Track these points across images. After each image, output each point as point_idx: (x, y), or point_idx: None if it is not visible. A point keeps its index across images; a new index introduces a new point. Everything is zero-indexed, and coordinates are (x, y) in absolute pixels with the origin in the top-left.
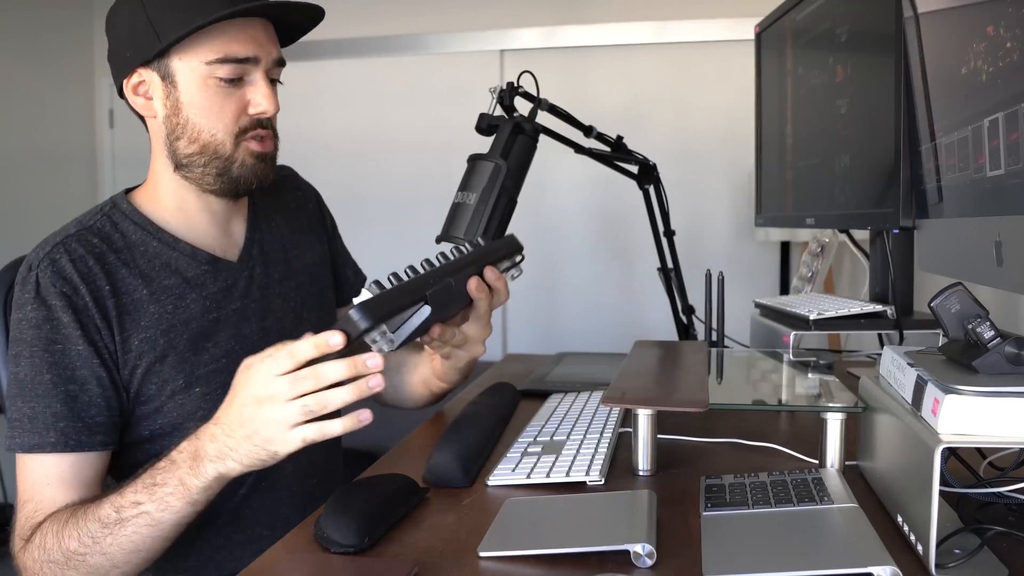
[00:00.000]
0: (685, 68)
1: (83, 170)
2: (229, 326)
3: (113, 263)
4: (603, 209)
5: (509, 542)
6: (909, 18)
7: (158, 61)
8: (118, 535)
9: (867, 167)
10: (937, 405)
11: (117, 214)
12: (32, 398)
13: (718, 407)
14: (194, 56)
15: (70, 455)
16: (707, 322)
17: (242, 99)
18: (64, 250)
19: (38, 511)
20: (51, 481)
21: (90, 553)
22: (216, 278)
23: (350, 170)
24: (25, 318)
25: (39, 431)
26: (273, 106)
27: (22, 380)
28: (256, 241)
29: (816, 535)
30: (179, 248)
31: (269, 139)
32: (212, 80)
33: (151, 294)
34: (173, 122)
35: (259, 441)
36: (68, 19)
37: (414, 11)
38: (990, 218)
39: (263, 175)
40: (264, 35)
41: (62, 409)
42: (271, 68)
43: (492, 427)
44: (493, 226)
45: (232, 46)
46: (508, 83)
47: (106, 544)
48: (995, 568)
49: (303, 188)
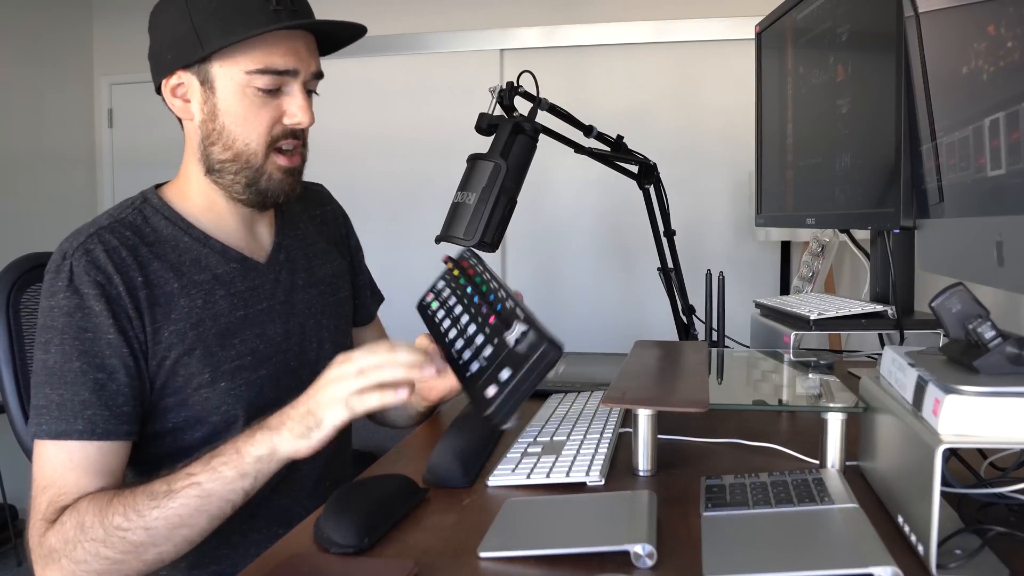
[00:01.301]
0: (685, 68)
1: (82, 170)
2: (255, 325)
3: (146, 256)
4: (603, 209)
5: (509, 542)
6: (910, 17)
7: (199, 66)
8: (165, 508)
9: (868, 167)
10: (938, 405)
11: (148, 209)
12: (60, 385)
13: (718, 407)
14: (234, 64)
15: (95, 443)
16: (707, 322)
17: (278, 109)
18: (99, 240)
19: (62, 495)
20: (75, 467)
21: (132, 528)
22: (245, 277)
23: (350, 169)
24: (57, 305)
25: (67, 418)
26: (308, 117)
27: (51, 367)
28: (283, 247)
29: (817, 535)
30: (210, 245)
31: (298, 152)
32: (250, 89)
33: (182, 288)
34: (209, 127)
35: (313, 406)
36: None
37: (414, 10)
38: (991, 218)
39: (290, 189)
40: (305, 48)
41: (90, 397)
42: (309, 80)
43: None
44: (493, 226)
45: (273, 57)
46: (508, 82)
47: (151, 518)
48: (996, 568)
49: (332, 205)
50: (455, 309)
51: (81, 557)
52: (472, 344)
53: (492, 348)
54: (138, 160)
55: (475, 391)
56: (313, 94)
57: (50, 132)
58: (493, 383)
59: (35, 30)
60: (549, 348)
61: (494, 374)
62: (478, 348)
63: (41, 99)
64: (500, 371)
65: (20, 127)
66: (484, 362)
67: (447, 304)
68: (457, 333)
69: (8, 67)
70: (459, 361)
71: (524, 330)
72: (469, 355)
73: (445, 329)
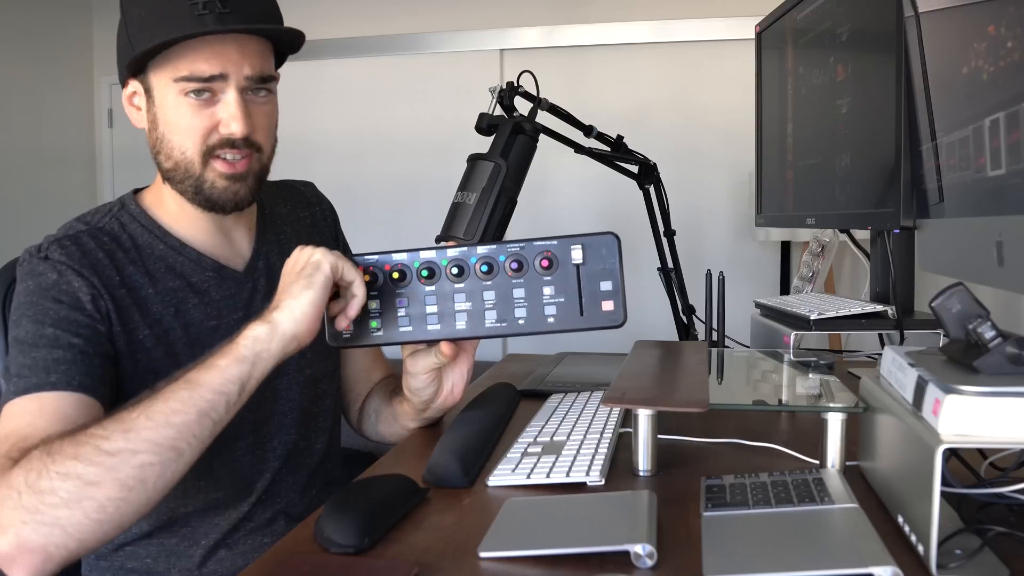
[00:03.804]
0: (685, 67)
1: (82, 170)
2: (228, 335)
3: (122, 260)
4: (603, 209)
5: (509, 542)
6: (910, 17)
7: (142, 75)
8: (148, 407)
9: (868, 167)
10: (938, 405)
11: (125, 215)
12: (32, 349)
13: (718, 407)
14: (164, 73)
15: (71, 395)
16: (707, 322)
17: (213, 117)
18: (75, 241)
19: (26, 439)
20: (45, 414)
21: (110, 435)
22: (220, 286)
23: (350, 169)
24: (34, 284)
25: (38, 374)
26: (242, 126)
27: (22, 339)
28: (263, 254)
29: (817, 535)
30: (185, 253)
31: (243, 159)
32: (182, 97)
33: (156, 294)
34: (153, 136)
35: (308, 272)
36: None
37: (414, 10)
38: (991, 218)
39: (239, 196)
40: (237, 51)
41: (65, 355)
42: (248, 85)
43: (492, 427)
44: (493, 226)
45: (197, 64)
46: (508, 82)
47: (130, 419)
48: (996, 569)
49: (322, 204)
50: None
51: (46, 485)
52: (542, 295)
53: (565, 281)
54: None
55: (590, 321)
56: (272, 94)
57: (50, 132)
58: (603, 300)
59: (35, 30)
60: (608, 236)
61: (595, 291)
62: (553, 294)
63: (41, 99)
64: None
65: (20, 127)
66: (565, 296)
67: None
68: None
69: (8, 67)
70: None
71: (578, 246)
72: (552, 307)
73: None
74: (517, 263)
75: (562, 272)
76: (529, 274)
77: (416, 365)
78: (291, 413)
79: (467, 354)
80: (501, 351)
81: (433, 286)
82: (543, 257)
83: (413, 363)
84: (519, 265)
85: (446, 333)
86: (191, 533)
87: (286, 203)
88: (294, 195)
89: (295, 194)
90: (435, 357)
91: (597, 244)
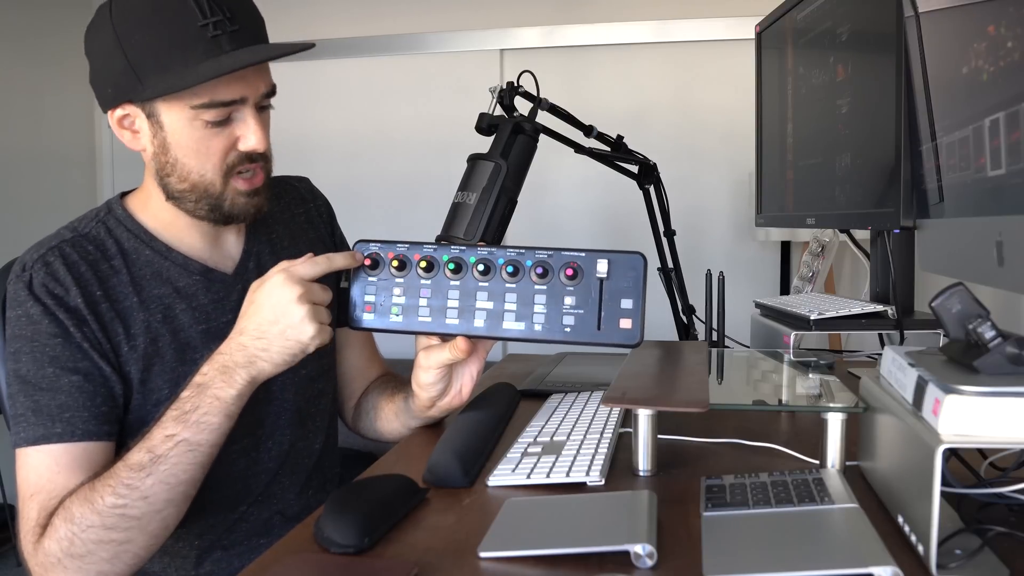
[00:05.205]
0: (685, 67)
1: (82, 170)
2: (218, 339)
3: (106, 271)
4: (603, 209)
5: (509, 542)
6: (910, 17)
7: (142, 102)
8: (157, 472)
9: (868, 167)
10: (938, 405)
11: (112, 220)
12: (35, 391)
13: (718, 407)
14: (179, 100)
15: (79, 444)
16: (707, 322)
17: (231, 136)
18: (59, 253)
19: (52, 498)
20: (62, 469)
21: (130, 503)
22: (208, 289)
23: (349, 169)
24: (24, 314)
25: (44, 423)
26: (263, 142)
27: (23, 376)
28: (253, 254)
29: (817, 535)
30: (171, 258)
31: (259, 172)
32: (198, 122)
33: (141, 302)
34: (162, 160)
35: (291, 334)
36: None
37: (414, 10)
38: (991, 218)
39: (257, 207)
40: (254, 74)
41: (67, 400)
42: (260, 100)
43: (492, 427)
44: (493, 226)
45: (218, 90)
46: (508, 82)
47: (146, 486)
48: (996, 569)
49: (316, 201)
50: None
51: (82, 550)
52: (562, 306)
53: (587, 293)
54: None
55: (607, 337)
56: (270, 108)
57: (50, 132)
58: (622, 317)
59: (35, 30)
60: (636, 256)
61: (615, 307)
62: (573, 304)
63: (41, 99)
64: (618, 302)
65: (20, 127)
66: (585, 308)
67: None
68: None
69: (8, 67)
70: (565, 328)
71: (605, 260)
72: (571, 318)
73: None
74: (543, 269)
75: (585, 284)
76: (553, 281)
77: (429, 359)
78: (286, 414)
79: (479, 355)
80: (501, 351)
81: (458, 281)
82: (568, 266)
83: (426, 357)
84: (544, 271)
85: (464, 329)
86: (187, 535)
87: (279, 200)
88: (288, 191)
89: (289, 190)
90: (449, 353)
91: (624, 262)
